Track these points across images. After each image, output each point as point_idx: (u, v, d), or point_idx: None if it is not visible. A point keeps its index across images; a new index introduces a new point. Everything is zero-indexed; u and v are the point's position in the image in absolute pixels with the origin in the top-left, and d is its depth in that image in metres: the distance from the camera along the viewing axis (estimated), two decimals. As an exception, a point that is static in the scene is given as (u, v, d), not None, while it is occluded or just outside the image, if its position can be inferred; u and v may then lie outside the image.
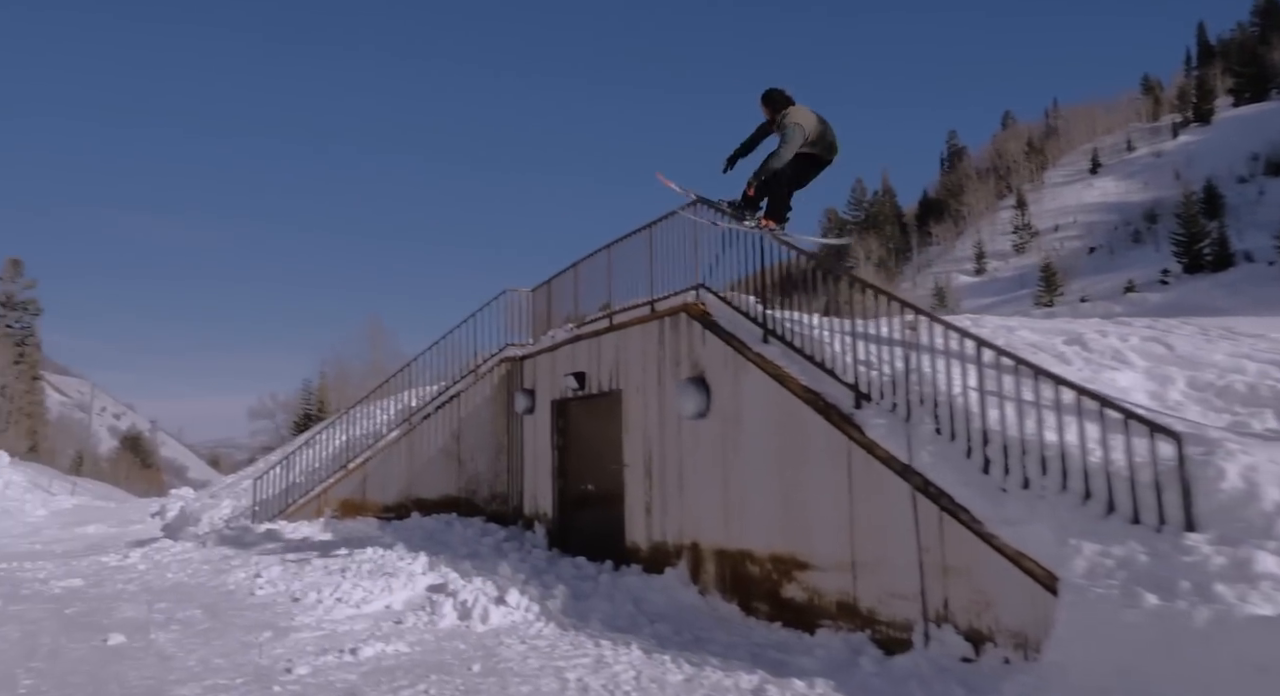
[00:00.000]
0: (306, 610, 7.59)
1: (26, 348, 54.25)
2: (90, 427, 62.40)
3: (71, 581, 9.68)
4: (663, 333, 8.01)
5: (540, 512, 10.86)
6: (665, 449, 7.85)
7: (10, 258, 52.20)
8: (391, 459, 12.06)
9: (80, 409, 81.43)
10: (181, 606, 8.12)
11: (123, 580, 9.81)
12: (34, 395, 57.80)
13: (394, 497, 11.97)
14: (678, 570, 7.49)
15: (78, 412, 78.77)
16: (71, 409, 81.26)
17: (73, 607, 8.22)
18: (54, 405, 73.55)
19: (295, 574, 9.16)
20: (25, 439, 50.98)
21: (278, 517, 12.47)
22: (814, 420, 5.87)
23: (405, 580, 8.19)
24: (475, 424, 11.88)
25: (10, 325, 52.36)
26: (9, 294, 51.88)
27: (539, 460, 10.95)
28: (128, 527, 16.45)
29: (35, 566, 11.23)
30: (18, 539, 15.18)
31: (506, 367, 11.85)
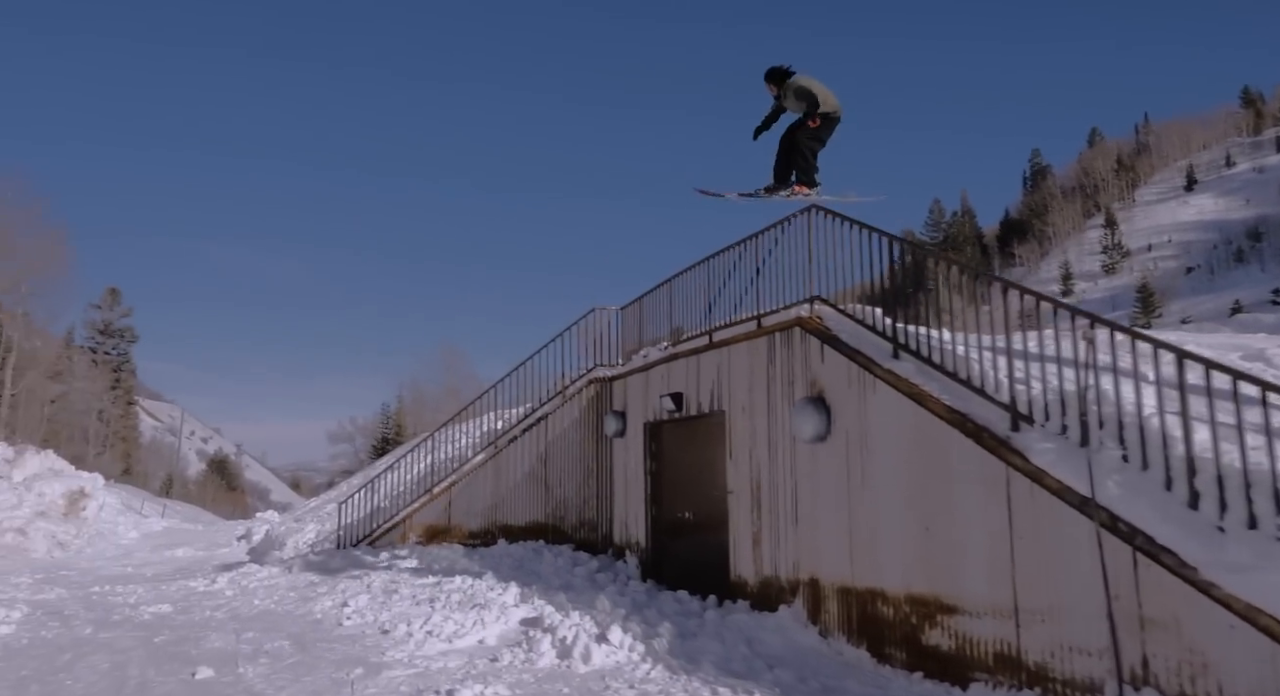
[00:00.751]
0: (397, 644, 7.20)
1: (122, 374, 56.82)
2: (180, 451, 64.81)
3: (161, 607, 9.58)
4: (773, 349, 7.44)
5: (632, 541, 10.32)
6: (777, 474, 7.24)
7: (109, 287, 54.99)
8: (476, 483, 11.72)
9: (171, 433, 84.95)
10: (269, 636, 7.84)
11: (210, 606, 9.66)
12: (128, 420, 60.45)
13: (479, 523, 11.60)
14: (793, 608, 6.83)
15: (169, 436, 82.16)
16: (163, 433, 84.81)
17: (161, 635, 8.04)
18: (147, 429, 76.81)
19: (383, 603, 8.83)
20: (120, 462, 53.25)
21: (362, 543, 12.25)
22: (961, 444, 5.19)
23: (498, 613, 7.74)
24: (563, 447, 11.46)
25: (108, 352, 54.95)
26: (107, 322, 54.53)
27: (630, 486, 10.44)
28: (215, 551, 16.58)
29: (126, 590, 11.24)
30: (111, 561, 15.42)
31: (595, 389, 11.42)
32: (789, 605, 6.88)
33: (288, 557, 13.48)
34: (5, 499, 16.40)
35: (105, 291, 54.20)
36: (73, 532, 16.75)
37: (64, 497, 17.41)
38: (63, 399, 48.92)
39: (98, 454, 47.50)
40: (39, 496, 16.93)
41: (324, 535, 14.12)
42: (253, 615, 9.09)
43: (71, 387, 49.81)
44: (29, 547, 15.65)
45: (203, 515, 40.85)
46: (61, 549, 16.14)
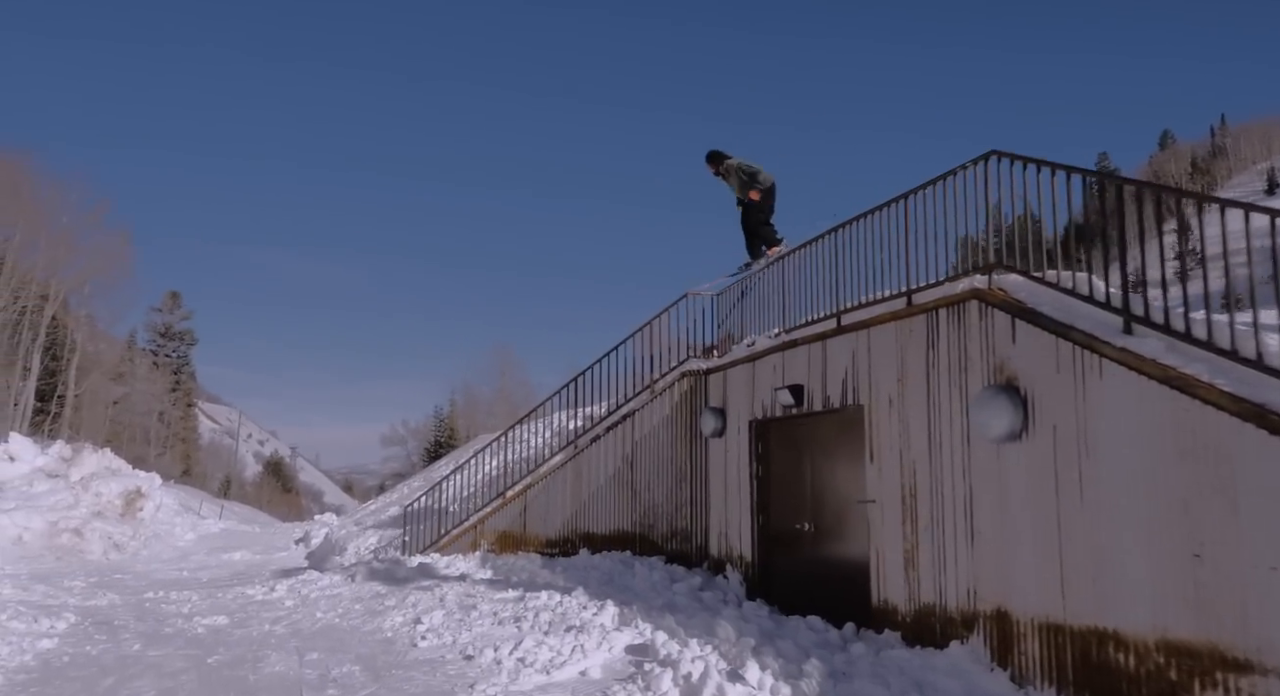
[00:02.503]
0: (485, 674, 6.05)
1: (182, 376, 57.47)
2: (238, 453, 65.51)
3: (216, 619, 8.66)
4: (934, 330, 6.14)
5: (733, 554, 9.07)
6: (942, 480, 5.93)
7: (169, 291, 55.70)
8: (554, 487, 10.59)
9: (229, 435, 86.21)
10: (336, 658, 6.79)
11: (269, 618, 8.71)
12: (188, 421, 61.16)
13: (558, 531, 10.46)
14: (969, 646, 5.51)
15: (226, 439, 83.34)
16: (221, 435, 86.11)
17: (216, 654, 7.04)
18: (205, 431, 77.96)
19: (461, 621, 7.73)
20: (180, 463, 53.71)
21: (429, 550, 11.21)
22: (1259, 444, 3.85)
23: (598, 637, 6.56)
24: (651, 448, 10.26)
25: (168, 355, 55.63)
26: (168, 325, 55.22)
27: (732, 492, 9.19)
28: (272, 555, 15.87)
29: (180, 598, 10.41)
30: (167, 564, 14.76)
31: (688, 383, 10.19)
32: (963, 642, 5.57)
33: (349, 564, 12.57)
34: (62, 498, 15.88)
35: (166, 295, 54.96)
36: (129, 534, 16.17)
37: (121, 497, 16.87)
38: (125, 400, 49.50)
39: (158, 455, 47.86)
40: (96, 496, 16.41)
41: (387, 540, 13.18)
42: (315, 631, 8.09)
43: (133, 389, 50.40)
44: (85, 549, 15.07)
45: (259, 516, 40.69)
46: (118, 550, 15.53)
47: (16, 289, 30.91)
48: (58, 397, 35.30)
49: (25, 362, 33.37)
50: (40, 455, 16.92)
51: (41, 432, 29.38)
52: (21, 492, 15.64)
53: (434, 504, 12.12)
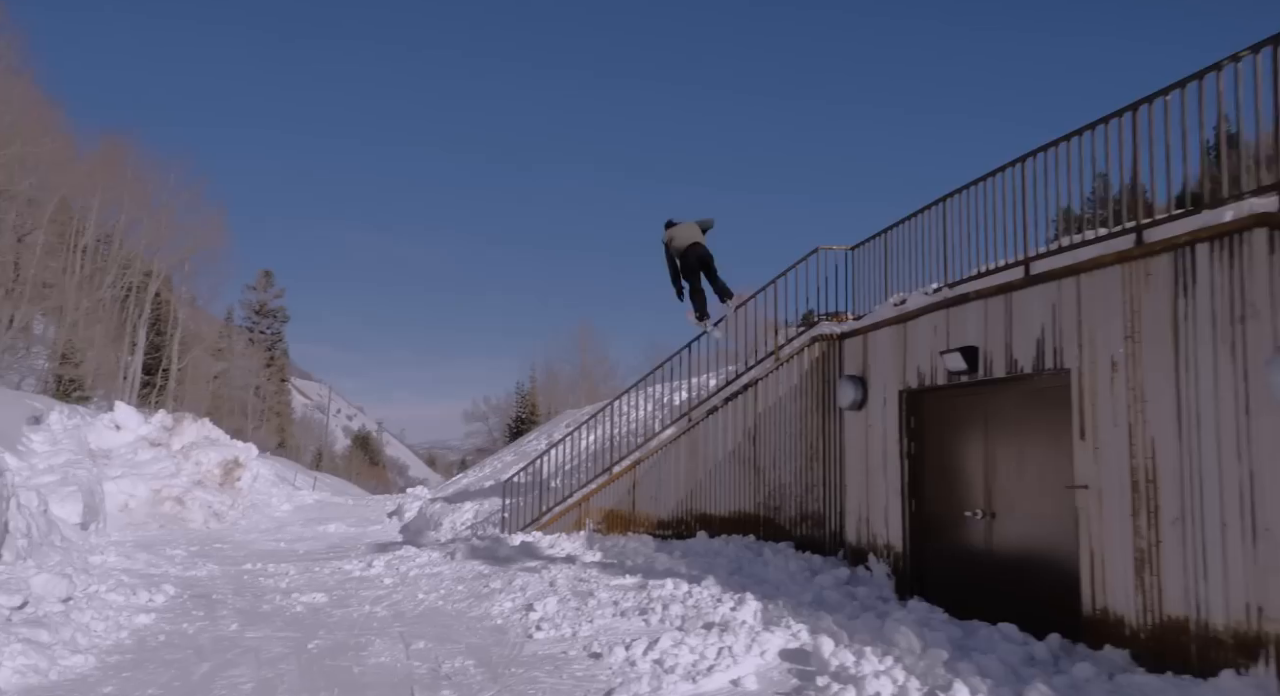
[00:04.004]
0: (621, 680, 5.11)
1: (275, 353, 59.05)
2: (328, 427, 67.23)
3: (315, 596, 8.08)
4: (1186, 271, 4.82)
5: (876, 543, 7.90)
6: (1200, 461, 4.65)
7: (263, 270, 57.10)
8: (666, 463, 9.62)
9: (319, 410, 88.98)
10: (445, 649, 6.00)
11: (369, 598, 8.07)
12: (282, 396, 62.96)
13: (671, 511, 9.50)
14: (1253, 678, 4.25)
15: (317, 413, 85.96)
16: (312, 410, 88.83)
17: (316, 639, 6.34)
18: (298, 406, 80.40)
19: (578, 610, 6.85)
20: (275, 436, 55.29)
21: (530, 528, 10.46)
22: None
23: (746, 638, 5.54)
24: (777, 421, 9.15)
25: (263, 331, 57.15)
26: (261, 302, 56.65)
27: (874, 472, 8.01)
28: (366, 527, 15.55)
29: (278, 571, 9.98)
30: (265, 534, 14.57)
31: (820, 348, 9.00)
32: (1241, 671, 4.31)
33: (446, 540, 11.98)
34: (164, 467, 15.89)
35: (260, 273, 56.39)
36: (228, 503, 16.10)
37: (220, 467, 16.84)
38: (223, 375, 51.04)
39: (255, 428, 49.21)
40: (196, 465, 16.41)
41: (483, 515, 12.53)
42: (419, 614, 7.37)
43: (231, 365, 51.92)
44: (186, 517, 15.03)
45: (349, 488, 41.40)
46: (217, 519, 15.47)
47: (123, 266, 31.77)
48: (162, 371, 36.41)
49: (132, 338, 34.42)
50: (144, 424, 17.02)
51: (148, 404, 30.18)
52: (127, 460, 15.71)
53: (532, 479, 11.34)
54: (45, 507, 10.80)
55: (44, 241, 24.58)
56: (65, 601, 6.48)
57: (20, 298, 23.37)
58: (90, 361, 26.29)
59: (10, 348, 23.74)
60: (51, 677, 5.06)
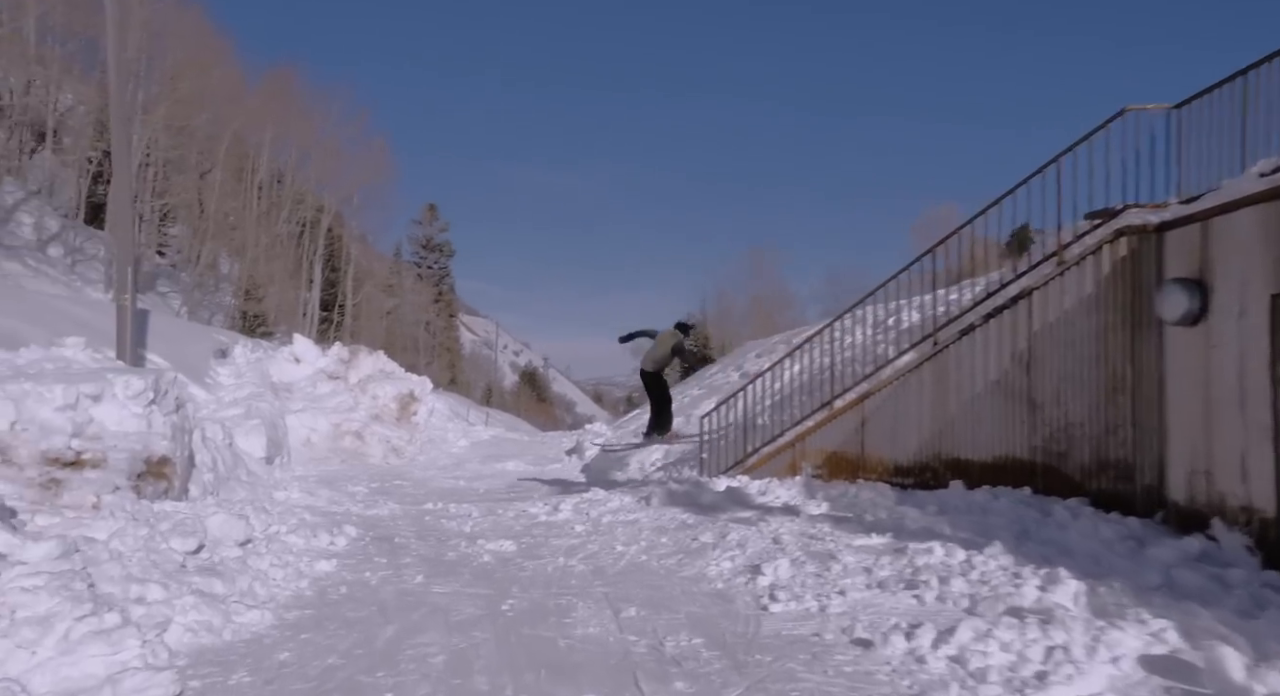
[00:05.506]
0: (916, 686, 3.97)
1: (443, 288, 61.85)
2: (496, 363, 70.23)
3: (502, 544, 7.61)
4: None
5: (1226, 504, 6.17)
6: None
7: (428, 203, 59.45)
8: (905, 396, 8.23)
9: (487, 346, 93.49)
10: (663, 620, 5.15)
11: (562, 547, 7.49)
12: (450, 332, 66.27)
13: (912, 454, 8.16)
14: None
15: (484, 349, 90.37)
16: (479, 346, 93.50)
17: (510, 598, 5.70)
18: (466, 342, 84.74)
19: (819, 577, 5.79)
20: (446, 372, 58.37)
21: (734, 471, 9.52)
22: None
23: (1085, 637, 4.20)
24: (1062, 342, 7.45)
25: (430, 266, 59.89)
26: (428, 237, 59.23)
27: (1224, 407, 6.22)
28: (545, 466, 15.44)
29: (460, 512, 9.72)
30: (443, 472, 14.74)
31: (1128, 245, 7.12)
32: None
33: (634, 481, 11.36)
34: (342, 401, 16.39)
35: (424, 207, 58.81)
36: (405, 438, 16.47)
37: (396, 401, 17.22)
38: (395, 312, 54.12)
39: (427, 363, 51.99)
40: (373, 399, 16.86)
41: (674, 455, 11.78)
42: (621, 570, 6.64)
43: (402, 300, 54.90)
44: (366, 453, 15.47)
45: (520, 424, 42.87)
46: (396, 455, 15.85)
47: (296, 201, 33.65)
48: (338, 307, 38.82)
49: (309, 274, 36.73)
50: (321, 357, 17.64)
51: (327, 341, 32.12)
52: (307, 394, 16.34)
53: (732, 416, 10.32)
54: (230, 441, 11.12)
55: (222, 178, 26.19)
56: (243, 545, 6.23)
57: (205, 234, 25.13)
58: (272, 297, 28.12)
59: (200, 284, 25.71)
60: (225, 637, 4.65)
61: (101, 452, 7.16)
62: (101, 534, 5.59)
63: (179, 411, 8.62)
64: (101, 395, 7.57)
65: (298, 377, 16.85)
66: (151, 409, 7.96)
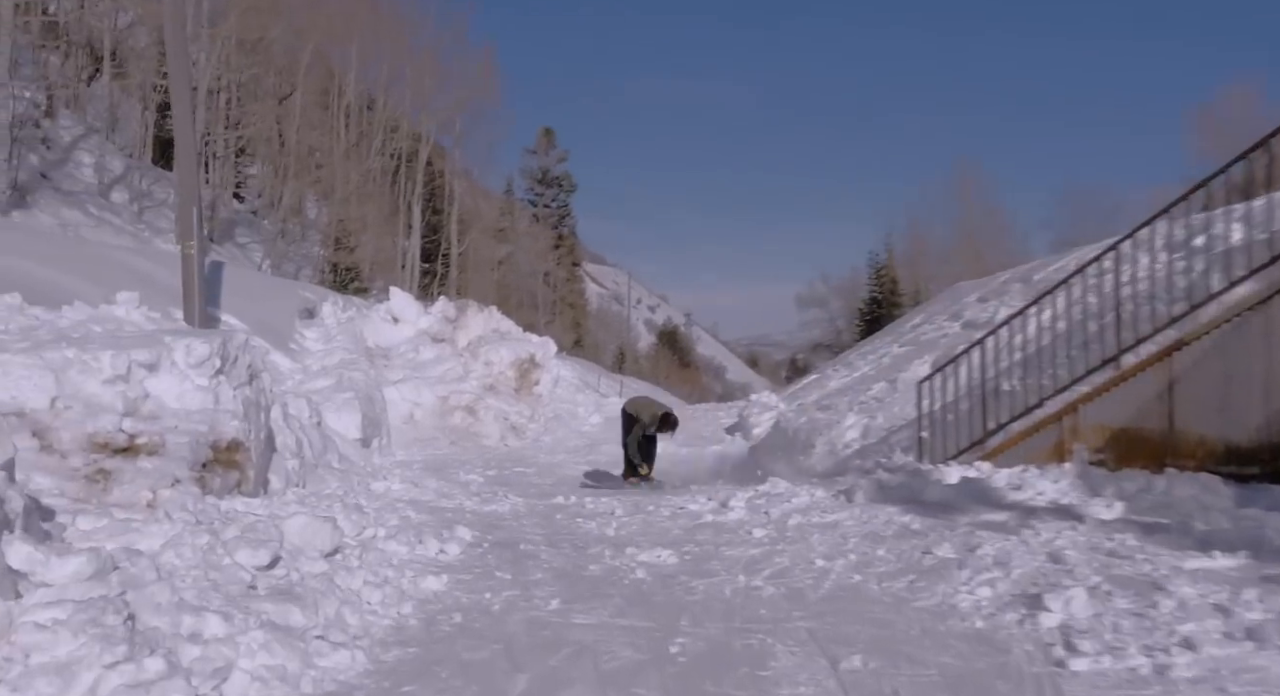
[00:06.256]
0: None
1: (563, 230, 62.22)
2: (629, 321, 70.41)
3: (658, 554, 7.04)
4: None
5: None
6: None
7: (542, 127, 59.50)
8: (1241, 344, 6.94)
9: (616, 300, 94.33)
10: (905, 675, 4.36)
11: (740, 561, 6.87)
12: (574, 284, 66.90)
13: (1255, 431, 6.87)
14: None
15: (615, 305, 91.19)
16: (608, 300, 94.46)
17: (680, 637, 4.99)
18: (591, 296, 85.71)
19: (1137, 615, 4.77)
20: (570, 332, 58.96)
21: (969, 455, 8.56)
22: None
23: None
24: None
25: (547, 205, 60.20)
26: (543, 169, 59.47)
27: None
28: (703, 448, 15.00)
29: (599, 509, 9.40)
30: (574, 455, 14.41)
31: None
32: None
33: (826, 469, 10.56)
34: (450, 369, 16.34)
35: (539, 132, 58.96)
36: (526, 414, 16.34)
37: (514, 367, 17.08)
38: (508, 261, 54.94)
39: (547, 322, 52.68)
40: (486, 365, 16.82)
41: (876, 433, 10.86)
42: (826, 595, 5.87)
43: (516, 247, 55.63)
44: (480, 432, 15.40)
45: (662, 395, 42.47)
46: (515, 434, 15.75)
47: (390, 128, 34.19)
48: (441, 256, 39.49)
49: (407, 218, 37.44)
50: (423, 315, 17.63)
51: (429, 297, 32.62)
52: (408, 360, 16.39)
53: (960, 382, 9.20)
54: (319, 420, 11.06)
55: (303, 104, 26.76)
56: (330, 556, 5.83)
57: (286, 172, 25.79)
58: (365, 246, 28.72)
59: (283, 231, 26.51)
60: (303, 690, 4.15)
61: (159, 435, 6.94)
62: (150, 543, 5.26)
63: (253, 383, 8.42)
64: (158, 363, 7.37)
65: (396, 341, 16.95)
66: (219, 380, 7.73)
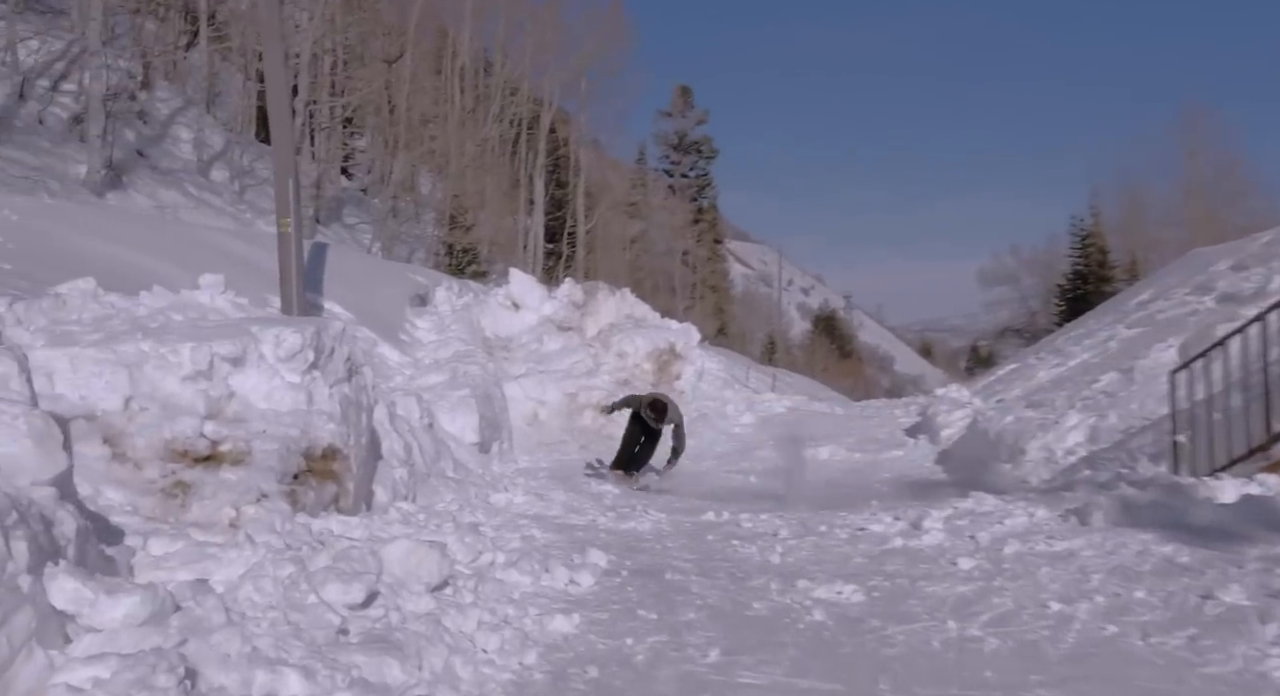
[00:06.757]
0: None
1: (703, 203, 61.74)
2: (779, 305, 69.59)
3: (839, 589, 6.46)
4: None
5: None
6: None
7: (679, 86, 59.10)
8: None
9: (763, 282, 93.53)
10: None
11: (946, 601, 6.13)
12: (716, 264, 66.42)
13: None
14: None
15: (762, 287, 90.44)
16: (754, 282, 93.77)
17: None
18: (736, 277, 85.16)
19: None
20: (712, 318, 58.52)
21: (1246, 465, 8.05)
22: None
23: None
24: None
25: (684, 174, 59.82)
26: (680, 133, 59.10)
27: None
28: (880, 454, 14.43)
29: (761, 528, 8.75)
30: (724, 461, 14.07)
31: None
32: None
33: (1044, 480, 9.95)
34: (578, 361, 16.20)
35: (675, 91, 58.61)
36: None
37: (651, 359, 16.97)
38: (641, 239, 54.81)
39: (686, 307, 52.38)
40: (619, 357, 16.77)
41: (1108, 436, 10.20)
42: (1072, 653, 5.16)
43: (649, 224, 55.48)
44: (614, 434, 15.06)
45: (820, 390, 41.84)
46: (655, 437, 15.22)
47: (509, 91, 34.41)
48: (566, 235, 39.64)
49: (528, 192, 37.64)
50: (546, 300, 17.55)
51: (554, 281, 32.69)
52: (530, 352, 16.42)
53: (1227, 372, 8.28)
54: (431, 421, 10.99)
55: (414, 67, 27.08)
56: (438, 589, 5.42)
57: (396, 143, 26.14)
58: (483, 224, 28.93)
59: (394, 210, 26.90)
60: (402, 772, 3.66)
61: (244, 442, 6.74)
62: (228, 573, 4.94)
63: (352, 379, 8.20)
64: (244, 356, 7.17)
65: (518, 330, 16.99)
66: (313, 375, 7.52)
